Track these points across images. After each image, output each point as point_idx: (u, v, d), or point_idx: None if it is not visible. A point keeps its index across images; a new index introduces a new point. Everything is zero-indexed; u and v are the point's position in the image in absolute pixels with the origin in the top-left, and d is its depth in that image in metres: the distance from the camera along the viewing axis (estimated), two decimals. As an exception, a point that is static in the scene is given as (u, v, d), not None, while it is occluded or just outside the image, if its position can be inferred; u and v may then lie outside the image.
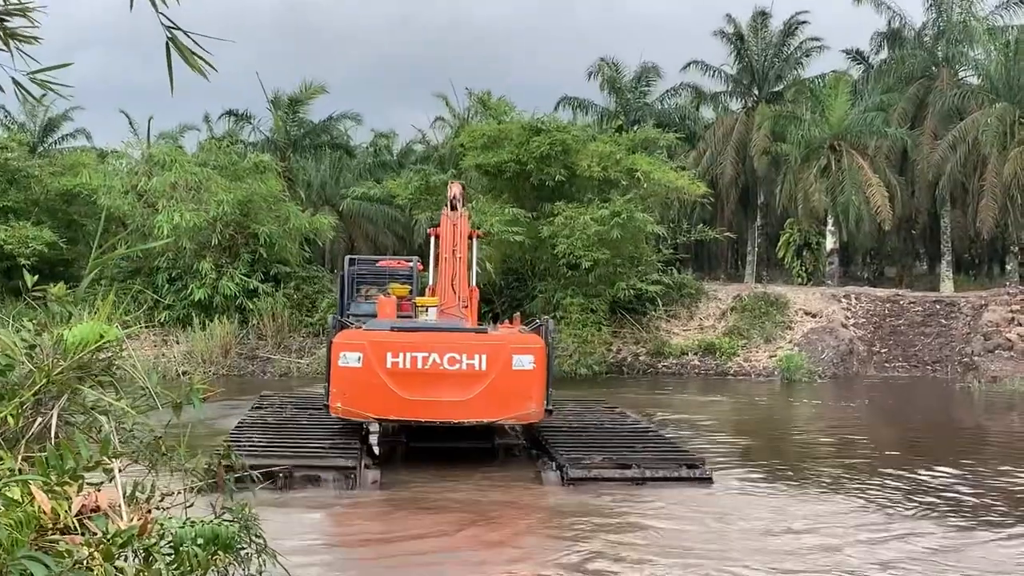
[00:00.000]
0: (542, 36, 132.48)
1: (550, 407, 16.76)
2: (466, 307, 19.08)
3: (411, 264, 22.68)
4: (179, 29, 4.53)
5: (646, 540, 12.50)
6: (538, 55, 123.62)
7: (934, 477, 16.58)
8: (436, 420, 16.40)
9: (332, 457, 16.00)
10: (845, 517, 13.75)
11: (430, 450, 17.27)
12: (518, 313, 25.22)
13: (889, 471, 16.99)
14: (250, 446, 15.82)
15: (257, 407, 21.95)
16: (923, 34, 50.84)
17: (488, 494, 15.18)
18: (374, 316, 18.79)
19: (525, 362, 16.22)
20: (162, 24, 4.50)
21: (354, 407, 16.35)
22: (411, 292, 20.38)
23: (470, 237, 20.93)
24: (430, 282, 21.29)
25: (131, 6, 4.41)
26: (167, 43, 4.56)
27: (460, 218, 20.19)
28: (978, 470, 17.39)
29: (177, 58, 4.61)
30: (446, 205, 21.27)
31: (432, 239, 21.07)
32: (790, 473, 17.17)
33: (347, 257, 22.88)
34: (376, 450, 17.96)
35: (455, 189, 21.92)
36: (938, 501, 14.78)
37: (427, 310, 18.06)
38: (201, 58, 4.62)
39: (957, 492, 15.49)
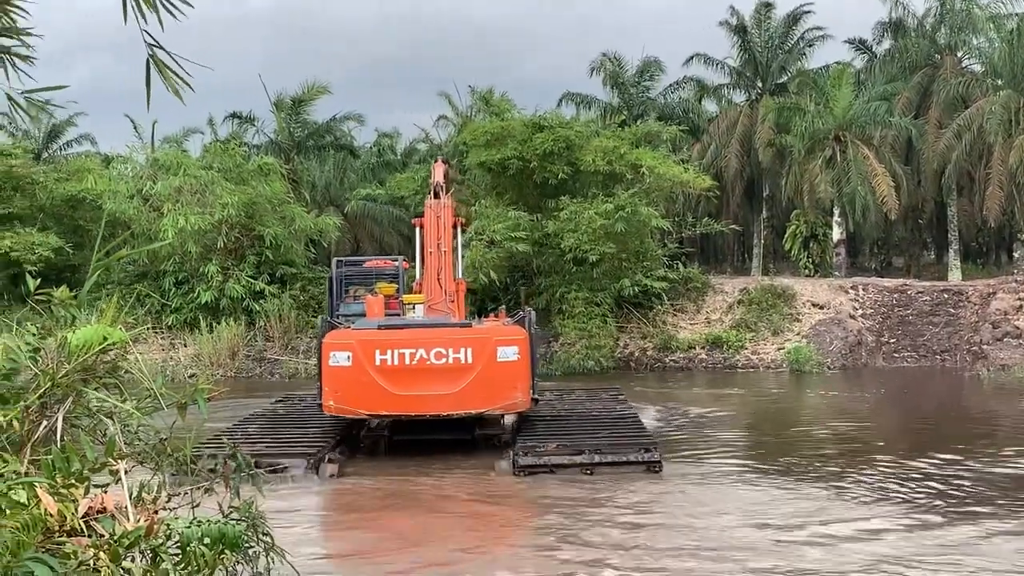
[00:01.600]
0: (544, 33, 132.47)
1: (536, 396, 17.38)
2: (453, 301, 19.24)
3: (396, 263, 22.89)
4: (161, 48, 4.53)
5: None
6: (540, 52, 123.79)
7: (943, 465, 16.57)
8: (426, 414, 16.96)
9: (292, 450, 16.61)
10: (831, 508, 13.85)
11: (414, 442, 17.78)
12: (503, 307, 25.25)
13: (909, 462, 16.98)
14: (230, 438, 16.19)
15: (279, 400, 23.05)
16: (925, 22, 50.68)
17: (441, 486, 15.62)
18: (363, 315, 19.18)
19: (510, 353, 16.81)
20: (145, 42, 4.50)
21: (346, 404, 16.95)
22: (398, 290, 20.70)
23: (455, 226, 21.00)
24: (417, 276, 21.40)
25: (124, 20, 4.40)
26: (147, 60, 4.56)
27: (444, 208, 20.29)
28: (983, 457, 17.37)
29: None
30: (429, 192, 21.35)
31: (417, 229, 21.16)
32: (798, 464, 17.14)
33: (334, 259, 23.13)
34: (361, 444, 18.47)
35: (438, 172, 21.96)
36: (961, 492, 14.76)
37: (414, 307, 18.58)
38: (180, 77, 4.62)
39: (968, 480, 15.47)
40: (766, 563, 11.09)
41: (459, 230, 21.69)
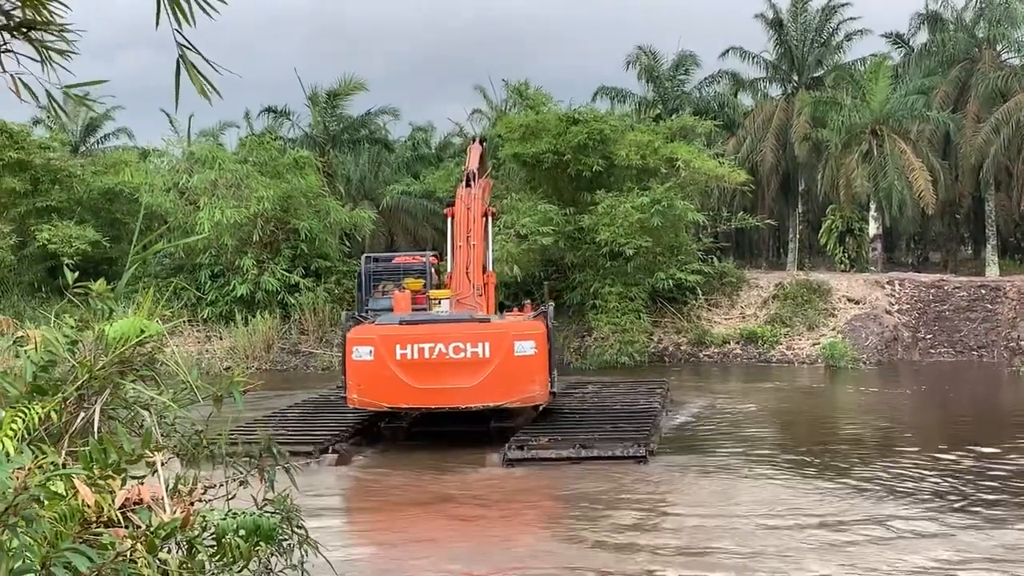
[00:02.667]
0: (574, 28, 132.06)
1: (554, 389, 17.89)
2: (481, 295, 19.35)
3: (424, 259, 23.06)
4: (192, 48, 4.56)
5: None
6: (569, 47, 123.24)
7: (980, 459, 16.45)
8: (445, 406, 17.63)
9: (299, 440, 17.13)
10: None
11: (428, 433, 18.43)
12: (528, 301, 25.27)
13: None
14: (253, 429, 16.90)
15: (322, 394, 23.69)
16: (964, 15, 50.21)
17: (421, 480, 16.05)
18: (391, 311, 19.43)
19: (527, 348, 17.25)
20: (176, 43, 4.52)
21: (369, 397, 17.56)
22: (425, 286, 20.96)
23: (485, 215, 20.99)
24: (448, 268, 21.50)
25: (156, 25, 4.43)
26: (177, 61, 4.58)
27: (474, 200, 20.30)
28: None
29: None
30: (461, 181, 21.38)
31: (449, 220, 21.22)
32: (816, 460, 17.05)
33: (364, 256, 23.32)
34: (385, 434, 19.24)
35: (474, 157, 21.91)
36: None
37: (440, 302, 18.97)
38: (207, 80, 4.64)
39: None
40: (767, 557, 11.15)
41: (490, 219, 21.67)
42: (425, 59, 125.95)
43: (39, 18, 4.74)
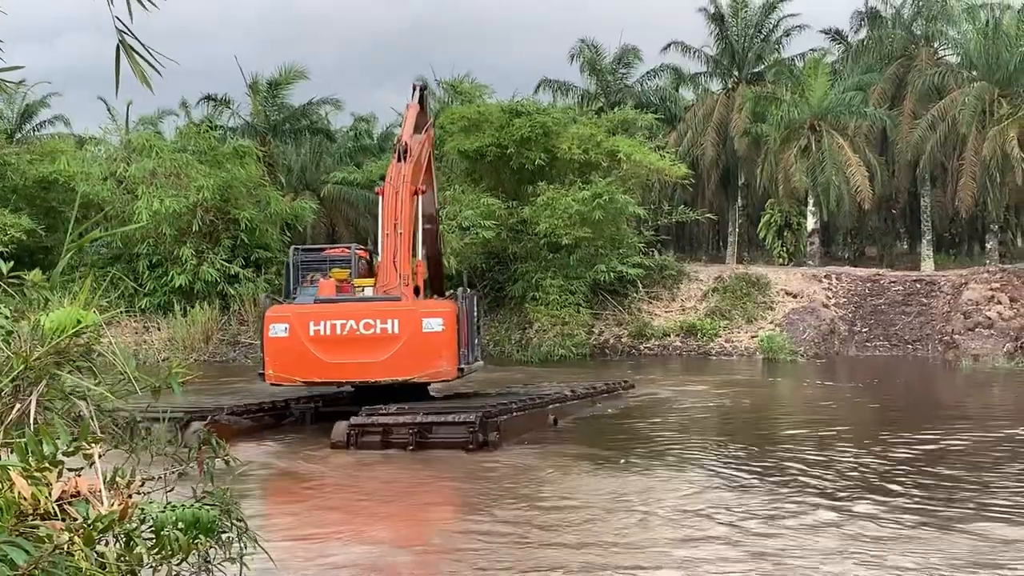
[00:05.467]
0: (533, 19, 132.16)
1: (463, 366, 18.29)
2: (408, 285, 19.32)
3: (350, 251, 23.02)
4: (131, 34, 4.51)
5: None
6: (529, 38, 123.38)
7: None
8: (356, 380, 18.64)
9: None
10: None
11: (337, 414, 18.68)
12: (455, 290, 25.29)
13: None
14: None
15: None
16: (902, 12, 50.93)
17: (270, 456, 16.60)
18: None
19: (434, 324, 17.97)
20: (116, 28, 4.48)
21: (284, 373, 18.24)
22: (350, 275, 21.01)
23: (416, 194, 20.69)
24: (379, 257, 21.36)
25: (111, 5, 4.38)
26: (117, 46, 4.54)
27: (404, 182, 19.97)
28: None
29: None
30: (394, 154, 21.07)
31: (380, 200, 20.82)
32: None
33: (292, 247, 23.32)
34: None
35: (409, 122, 21.52)
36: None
37: (363, 290, 19.30)
38: (151, 65, 4.59)
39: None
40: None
41: (419, 197, 21.26)
42: (375, 47, 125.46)
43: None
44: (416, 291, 19.80)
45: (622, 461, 15.92)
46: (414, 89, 23.04)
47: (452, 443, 16.63)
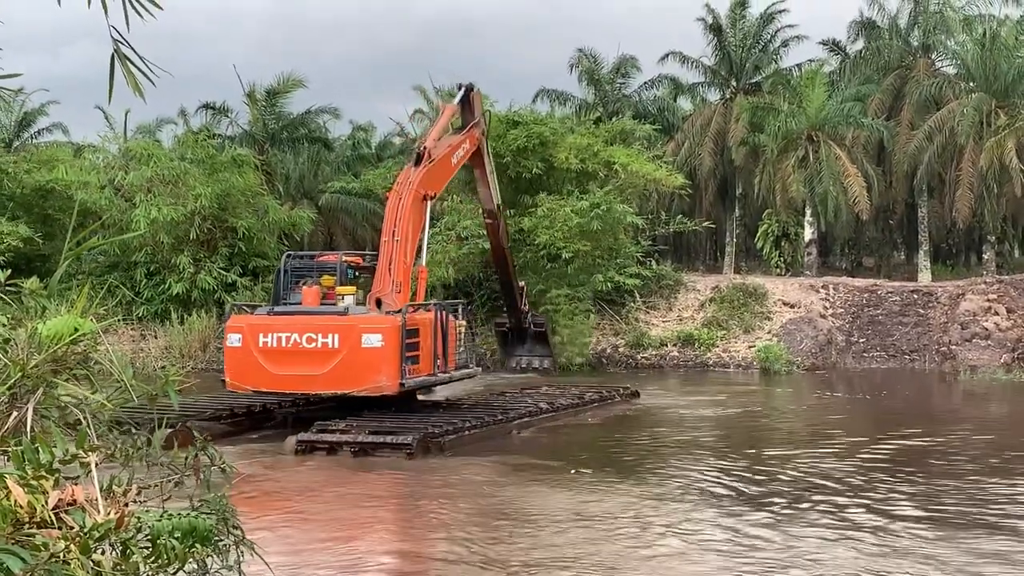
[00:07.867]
0: (534, 29, 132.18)
1: (404, 381, 18.46)
2: (399, 292, 19.38)
3: (339, 258, 23.17)
4: (126, 43, 4.51)
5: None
6: (528, 46, 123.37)
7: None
8: (298, 391, 19.39)
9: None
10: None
11: (314, 417, 19.09)
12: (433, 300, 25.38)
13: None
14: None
15: None
16: (899, 22, 51.01)
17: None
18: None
19: (374, 340, 18.26)
20: (111, 37, 4.48)
21: (238, 381, 18.99)
22: (336, 282, 21.16)
23: (426, 198, 20.71)
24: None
25: (88, 4, 4.37)
26: (112, 55, 4.54)
27: (409, 188, 20.04)
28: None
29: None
30: (411, 156, 21.26)
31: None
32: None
33: (286, 253, 23.44)
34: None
35: (441, 122, 21.76)
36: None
37: (343, 298, 19.59)
38: (145, 74, 4.59)
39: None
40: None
41: (427, 204, 20.96)
42: (377, 56, 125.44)
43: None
44: (413, 296, 19.97)
45: (572, 471, 15.97)
46: (459, 88, 23.17)
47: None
